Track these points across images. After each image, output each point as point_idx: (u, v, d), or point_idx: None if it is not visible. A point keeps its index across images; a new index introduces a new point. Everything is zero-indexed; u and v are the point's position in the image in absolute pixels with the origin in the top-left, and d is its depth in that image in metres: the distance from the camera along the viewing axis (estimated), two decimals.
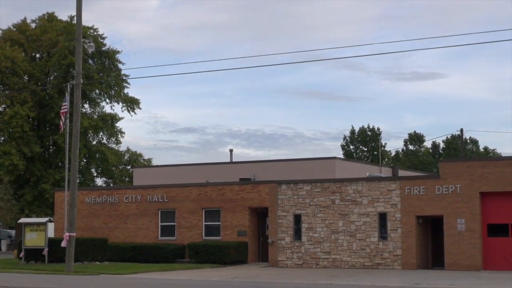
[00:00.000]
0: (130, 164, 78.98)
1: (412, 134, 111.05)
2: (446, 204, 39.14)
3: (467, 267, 38.13)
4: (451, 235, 38.90)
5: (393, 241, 40.29)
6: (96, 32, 71.21)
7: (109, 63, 72.02)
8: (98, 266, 41.72)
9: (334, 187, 42.10)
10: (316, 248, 42.22)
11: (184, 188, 47.24)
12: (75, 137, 38.45)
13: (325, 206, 42.18)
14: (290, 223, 43.07)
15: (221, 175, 51.85)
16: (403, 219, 40.15)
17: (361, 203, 41.28)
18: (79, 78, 38.98)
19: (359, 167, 55.45)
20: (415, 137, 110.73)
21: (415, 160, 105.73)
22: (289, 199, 43.17)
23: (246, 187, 45.41)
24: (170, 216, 47.52)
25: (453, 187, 39.14)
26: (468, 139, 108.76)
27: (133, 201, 48.59)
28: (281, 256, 43.05)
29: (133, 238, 48.10)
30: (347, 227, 41.50)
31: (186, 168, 56.34)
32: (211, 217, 46.29)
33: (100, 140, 74.59)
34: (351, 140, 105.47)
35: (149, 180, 54.44)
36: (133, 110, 73.47)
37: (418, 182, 40.48)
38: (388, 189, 40.75)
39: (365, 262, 40.81)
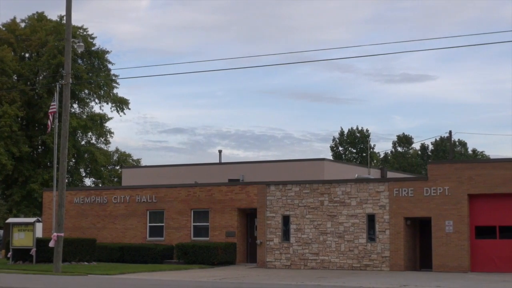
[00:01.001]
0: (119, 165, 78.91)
1: (401, 136, 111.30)
2: (434, 206, 39.25)
3: (455, 269, 38.25)
4: (439, 237, 39.00)
5: (381, 243, 40.37)
6: (86, 32, 71.20)
7: (98, 63, 72.04)
8: (86, 266, 41.64)
9: (323, 188, 42.16)
10: (305, 249, 42.26)
11: (173, 189, 47.21)
12: (63, 137, 38.37)
13: (313, 207, 42.23)
14: (278, 224, 43.10)
15: (210, 176, 51.85)
16: (391, 221, 40.23)
17: (349, 204, 41.34)
18: (68, 78, 38.90)
19: (348, 168, 55.53)
20: (403, 139, 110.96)
21: (404, 162, 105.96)
22: (278, 200, 43.20)
23: (234, 188, 45.41)
24: (159, 217, 47.46)
25: (441, 189, 39.24)
26: (457, 141, 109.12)
27: (121, 202, 48.52)
28: (269, 257, 43.08)
29: (121, 238, 48.02)
30: (335, 229, 41.56)
31: (175, 168, 56.33)
32: (200, 217, 46.27)
33: (89, 140, 74.58)
34: (340, 142, 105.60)
35: (137, 180, 54.39)
36: (122, 111, 73.53)
37: (407, 183, 40.57)
38: (376, 190, 40.83)
39: (353, 264, 40.87)
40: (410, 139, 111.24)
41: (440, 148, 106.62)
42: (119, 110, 73.30)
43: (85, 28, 71.24)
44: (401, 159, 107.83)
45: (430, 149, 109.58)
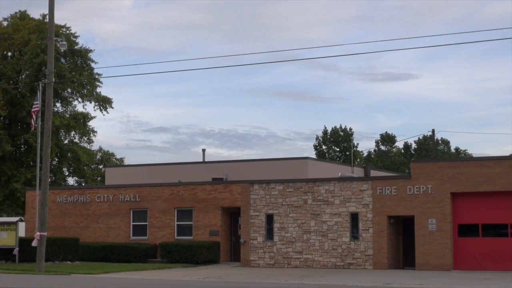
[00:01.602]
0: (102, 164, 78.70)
1: (384, 134, 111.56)
2: (417, 204, 39.38)
3: (437, 267, 38.39)
4: (422, 235, 39.14)
5: (365, 241, 40.46)
6: (69, 30, 70.97)
7: (81, 62, 71.83)
8: (69, 265, 41.51)
9: (306, 187, 42.22)
10: (288, 248, 42.30)
11: (156, 188, 47.14)
12: (46, 136, 38.24)
13: (297, 206, 42.28)
14: (262, 223, 43.13)
15: (194, 174, 51.81)
16: (374, 219, 40.34)
17: (333, 203, 41.42)
18: (51, 77, 38.77)
19: (331, 167, 55.61)
20: (386, 137, 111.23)
21: (387, 161, 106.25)
22: (262, 199, 43.23)
23: (218, 187, 45.39)
24: (142, 216, 47.39)
25: (424, 187, 39.38)
26: (440, 139, 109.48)
27: (105, 201, 48.41)
28: (253, 255, 43.09)
29: (104, 237, 47.92)
30: (319, 227, 41.62)
31: (158, 167, 56.24)
32: (183, 216, 46.22)
33: (72, 139, 74.35)
34: (323, 140, 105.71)
35: (121, 179, 54.26)
36: (106, 109, 73.31)
37: (390, 182, 40.68)
38: (360, 189, 40.92)
39: (337, 262, 40.95)
40: (393, 138, 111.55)
41: (423, 146, 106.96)
42: (102, 109, 73.11)
43: (68, 27, 71.03)
44: (384, 157, 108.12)
45: (413, 148, 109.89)
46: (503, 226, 38.63)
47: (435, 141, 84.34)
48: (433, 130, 77.32)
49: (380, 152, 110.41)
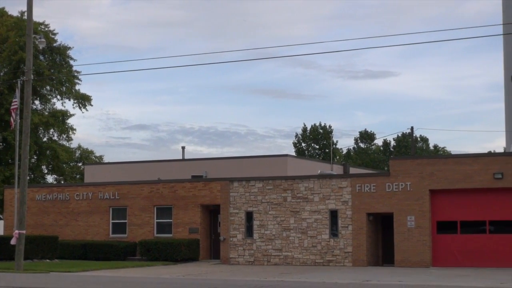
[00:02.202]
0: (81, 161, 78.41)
1: (363, 132, 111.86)
2: (396, 202, 39.54)
3: (416, 264, 38.56)
4: (401, 232, 39.30)
5: (344, 238, 40.58)
6: (47, 28, 70.59)
7: (60, 59, 71.47)
8: (48, 264, 41.35)
9: (286, 184, 42.28)
10: (268, 245, 42.36)
11: (136, 185, 47.05)
12: (25, 133, 38.07)
13: (276, 204, 42.33)
14: (242, 220, 43.16)
15: (173, 172, 51.77)
16: (354, 216, 40.46)
17: (312, 200, 41.50)
18: (29, 74, 38.60)
19: (311, 164, 55.72)
20: (366, 135, 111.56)
21: (366, 158, 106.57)
22: (241, 196, 43.26)
23: (198, 185, 45.38)
24: (122, 214, 47.29)
25: (403, 184, 39.54)
26: (419, 137, 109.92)
27: (84, 199, 48.26)
28: (232, 253, 43.12)
29: (84, 235, 47.78)
30: (298, 224, 41.70)
31: (138, 165, 56.14)
32: (163, 214, 46.17)
33: (51, 137, 73.97)
34: (303, 138, 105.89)
35: (100, 177, 54.12)
36: (85, 107, 72.97)
37: (369, 179, 40.82)
38: (339, 186, 41.03)
39: (316, 259, 41.05)
40: (372, 135, 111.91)
41: (402, 144, 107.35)
42: (81, 107, 72.76)
43: (46, 24, 70.63)
44: (363, 155, 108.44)
45: (392, 145, 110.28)
46: (481, 223, 38.86)
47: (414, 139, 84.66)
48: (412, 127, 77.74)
49: (359, 149, 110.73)
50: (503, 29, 60.21)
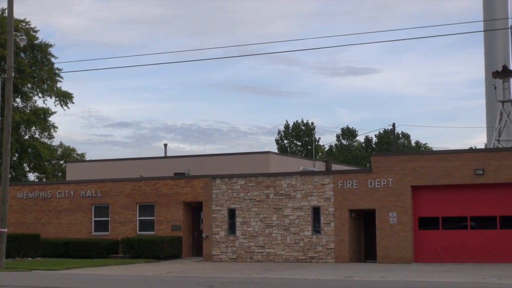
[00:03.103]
0: (63, 159, 78.11)
1: (345, 128, 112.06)
2: (378, 198, 39.66)
3: (398, 260, 38.71)
4: (383, 229, 39.43)
5: (326, 235, 40.67)
6: (28, 25, 70.27)
7: (41, 56, 71.18)
8: (30, 262, 41.23)
9: (268, 181, 42.32)
10: (250, 242, 42.39)
11: (118, 183, 46.96)
12: (6, 131, 37.93)
13: (259, 200, 42.36)
14: (224, 218, 43.16)
15: (156, 169, 51.69)
16: (336, 213, 40.55)
17: (295, 197, 41.56)
18: (10, 72, 38.44)
19: (293, 161, 55.80)
20: (347, 131, 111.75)
21: (348, 155, 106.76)
22: (224, 193, 43.26)
23: (180, 182, 45.34)
24: (104, 211, 47.19)
25: (385, 181, 39.66)
26: (400, 133, 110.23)
27: (66, 196, 48.13)
28: (215, 250, 43.13)
29: (66, 233, 47.65)
30: (281, 221, 41.75)
31: (120, 163, 56.04)
32: (145, 212, 46.12)
33: (32, 135, 73.68)
34: (285, 135, 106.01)
35: (82, 175, 53.97)
36: (66, 105, 72.68)
37: (351, 176, 40.91)
38: (321, 183, 41.11)
39: (299, 256, 41.12)
40: (354, 132, 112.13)
41: (384, 140, 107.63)
42: (63, 104, 72.49)
43: (27, 22, 70.31)
44: (345, 151, 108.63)
45: (374, 142, 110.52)
46: (462, 218, 39.05)
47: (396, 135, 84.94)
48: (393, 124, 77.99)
49: (341, 146, 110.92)
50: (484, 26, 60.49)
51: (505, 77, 49.52)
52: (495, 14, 59.10)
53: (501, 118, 50.09)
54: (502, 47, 60.11)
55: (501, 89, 49.89)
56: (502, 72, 49.71)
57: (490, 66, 58.02)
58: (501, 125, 50.28)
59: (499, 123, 50.22)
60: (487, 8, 61.25)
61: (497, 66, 53.42)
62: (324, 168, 57.72)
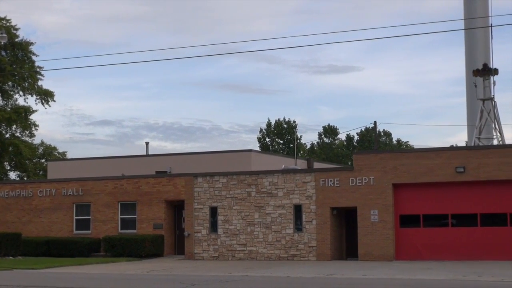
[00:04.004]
0: (44, 158, 77.85)
1: (327, 126, 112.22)
2: (360, 196, 39.77)
3: (380, 258, 38.84)
4: (364, 226, 39.55)
5: (308, 233, 40.74)
6: (9, 23, 69.98)
7: (22, 54, 70.92)
8: (11, 261, 41.05)
9: (250, 179, 42.35)
10: (232, 240, 42.41)
11: (100, 181, 46.85)
12: None
13: (241, 199, 42.39)
14: (206, 216, 43.16)
15: (137, 168, 51.60)
16: (318, 211, 40.63)
17: (276, 195, 41.61)
18: None
19: (275, 159, 55.87)
20: (329, 129, 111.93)
21: (330, 153, 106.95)
22: (205, 191, 43.26)
23: (162, 180, 45.30)
24: (85, 210, 47.07)
25: (366, 178, 39.78)
26: (382, 131, 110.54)
27: (47, 195, 47.96)
28: (197, 248, 43.12)
29: (47, 232, 47.48)
30: (263, 219, 41.80)
31: (101, 161, 55.89)
32: (127, 210, 46.04)
33: (13, 133, 73.40)
34: (267, 133, 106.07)
35: (64, 173, 53.79)
36: (47, 103, 72.47)
37: (333, 174, 41.00)
38: (303, 181, 41.17)
39: (281, 254, 41.17)
40: (336, 130, 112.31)
41: (366, 138, 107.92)
42: (44, 103, 72.28)
43: (8, 19, 70.04)
44: (327, 149, 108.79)
45: (356, 140, 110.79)
46: (443, 216, 39.24)
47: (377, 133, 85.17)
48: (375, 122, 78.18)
49: (323, 144, 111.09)
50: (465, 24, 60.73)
51: (485, 75, 49.79)
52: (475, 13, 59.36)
53: (481, 116, 50.36)
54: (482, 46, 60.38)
55: (482, 87, 50.18)
56: (483, 70, 49.99)
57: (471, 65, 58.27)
58: (481, 123, 50.55)
59: (480, 121, 50.49)
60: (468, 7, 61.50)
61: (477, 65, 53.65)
62: (305, 166, 57.79)
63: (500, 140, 50.30)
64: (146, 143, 64.09)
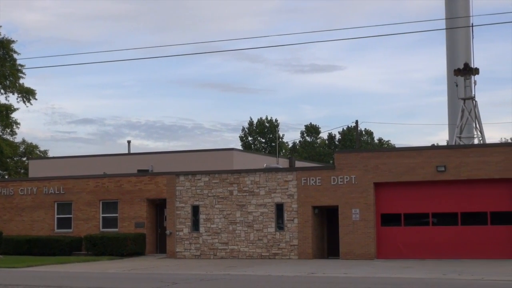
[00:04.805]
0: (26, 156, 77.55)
1: (309, 125, 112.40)
2: (341, 195, 39.89)
3: (361, 256, 38.98)
4: (346, 225, 39.66)
5: (290, 232, 40.83)
6: None
7: (3, 52, 70.59)
8: None
9: (232, 178, 42.38)
10: (214, 239, 42.44)
11: (81, 180, 46.74)
12: None
13: (223, 197, 42.42)
14: (188, 214, 43.16)
15: (119, 166, 51.53)
16: (299, 210, 40.72)
17: (258, 194, 41.67)
18: None
19: (257, 158, 55.93)
20: (311, 128, 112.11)
21: (312, 151, 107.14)
22: (187, 190, 43.26)
23: (143, 179, 45.25)
24: (67, 208, 46.94)
25: (348, 177, 39.90)
26: (363, 130, 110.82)
27: (28, 193, 47.79)
28: (179, 247, 43.12)
29: (28, 231, 47.33)
30: (244, 218, 41.85)
31: (83, 159, 55.76)
32: (109, 209, 45.96)
33: None
34: (249, 132, 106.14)
35: (45, 172, 53.62)
36: (29, 101, 72.19)
37: (314, 173, 41.10)
38: (285, 180, 41.25)
39: (262, 253, 41.24)
40: (318, 129, 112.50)
41: (347, 137, 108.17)
42: (26, 101, 72.00)
43: None
44: (309, 148, 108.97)
45: (337, 139, 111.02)
46: (424, 215, 39.41)
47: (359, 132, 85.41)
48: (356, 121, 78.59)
49: (305, 143, 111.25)
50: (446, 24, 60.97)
51: (466, 75, 49.98)
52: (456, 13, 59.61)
53: (462, 115, 50.57)
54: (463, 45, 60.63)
55: (463, 86, 50.38)
56: (464, 69, 50.18)
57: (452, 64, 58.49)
58: (462, 122, 50.76)
59: (461, 120, 50.69)
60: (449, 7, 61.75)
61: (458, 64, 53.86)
62: (287, 165, 57.89)
63: (481, 139, 50.53)
64: (128, 142, 64.02)
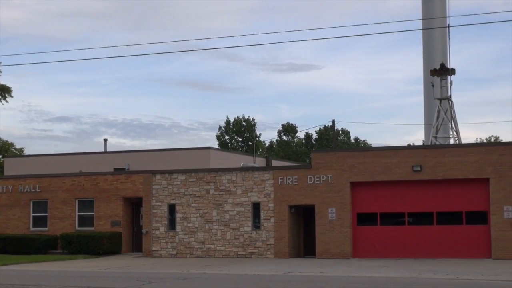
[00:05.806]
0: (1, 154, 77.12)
1: (286, 125, 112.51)
2: (318, 194, 39.96)
3: (337, 255, 39.07)
4: (322, 224, 39.75)
5: (266, 231, 40.86)
6: None
7: None
8: None
9: (209, 177, 42.36)
10: (190, 238, 42.40)
11: (57, 178, 46.53)
12: None
13: (199, 196, 42.39)
14: (164, 213, 43.09)
15: (96, 165, 51.39)
16: (276, 209, 40.75)
17: (235, 193, 41.67)
18: None
19: (234, 157, 55.93)
20: (288, 127, 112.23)
21: (289, 151, 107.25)
22: (164, 189, 43.18)
23: (120, 177, 45.12)
24: (42, 207, 46.72)
25: (324, 177, 39.98)
26: (340, 130, 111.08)
27: (3, 192, 47.51)
28: (155, 246, 43.04)
29: (3, 229, 47.05)
30: (221, 217, 41.83)
31: (59, 158, 55.56)
32: (85, 207, 45.79)
33: None
34: (226, 131, 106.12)
35: (21, 170, 53.37)
36: (5, 98, 71.85)
37: (291, 172, 41.15)
38: (261, 179, 41.28)
39: (239, 251, 41.26)
40: (295, 128, 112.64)
41: (324, 137, 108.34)
42: (2, 98, 71.64)
43: None
44: (286, 147, 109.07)
45: (314, 138, 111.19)
46: (400, 214, 39.55)
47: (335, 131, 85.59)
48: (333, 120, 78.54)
49: (282, 142, 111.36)
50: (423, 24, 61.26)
51: (442, 75, 50.27)
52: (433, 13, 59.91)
53: (438, 115, 50.86)
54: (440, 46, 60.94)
55: (439, 86, 50.70)
56: (440, 70, 50.47)
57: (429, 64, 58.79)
58: (438, 122, 51.05)
59: (437, 120, 50.98)
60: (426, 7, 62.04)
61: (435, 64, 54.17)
62: (264, 164, 57.96)
63: (457, 140, 50.85)
64: (104, 140, 63.84)
